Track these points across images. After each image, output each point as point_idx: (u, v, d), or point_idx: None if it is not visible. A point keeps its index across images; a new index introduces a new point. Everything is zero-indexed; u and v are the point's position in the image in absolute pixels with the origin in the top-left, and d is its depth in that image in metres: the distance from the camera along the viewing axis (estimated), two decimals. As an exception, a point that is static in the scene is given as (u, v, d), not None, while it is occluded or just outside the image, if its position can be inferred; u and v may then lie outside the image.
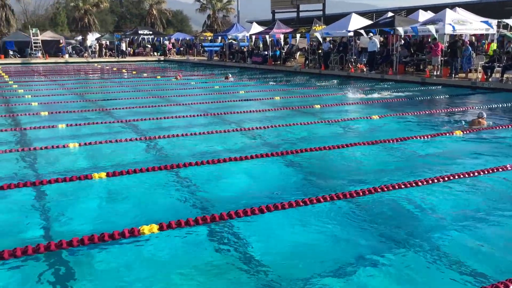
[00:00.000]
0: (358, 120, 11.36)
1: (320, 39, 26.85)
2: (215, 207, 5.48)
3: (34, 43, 40.85)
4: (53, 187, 6.15)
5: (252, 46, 36.76)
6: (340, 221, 5.11)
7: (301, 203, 5.32)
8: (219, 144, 8.82)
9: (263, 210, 5.10)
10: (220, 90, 18.16)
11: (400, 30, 21.22)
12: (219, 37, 41.24)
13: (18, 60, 38.08)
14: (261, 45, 35.12)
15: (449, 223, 5.03)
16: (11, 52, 40.36)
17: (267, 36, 30.71)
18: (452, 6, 24.41)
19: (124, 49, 43.71)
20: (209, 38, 45.61)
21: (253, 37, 34.27)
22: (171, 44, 46.80)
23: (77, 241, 4.27)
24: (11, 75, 25.84)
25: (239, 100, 15.12)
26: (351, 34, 24.49)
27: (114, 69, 31.70)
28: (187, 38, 50.37)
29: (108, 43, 46.23)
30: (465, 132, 9.48)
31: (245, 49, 35.65)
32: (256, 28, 34.55)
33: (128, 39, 46.53)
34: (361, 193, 5.68)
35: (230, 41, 38.19)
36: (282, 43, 32.30)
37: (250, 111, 12.70)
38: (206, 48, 43.30)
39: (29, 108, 13.25)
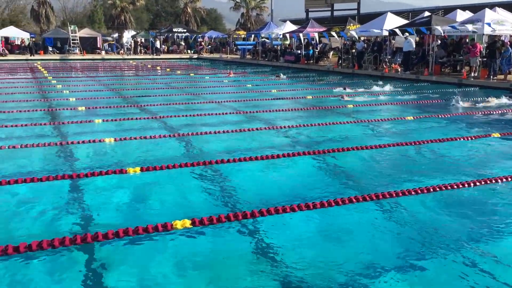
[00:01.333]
0: (392, 121, 11.20)
1: (357, 37, 26.56)
2: (246, 204, 5.51)
3: (72, 39, 41.94)
4: (90, 180, 6.32)
5: (286, 45, 36.68)
6: (369, 224, 5.07)
7: (332, 203, 5.30)
8: (251, 142, 8.86)
9: (295, 209, 5.10)
10: (252, 89, 18.22)
11: (438, 29, 20.77)
12: (252, 36, 41.33)
13: (57, 56, 39.16)
14: (294, 44, 35.03)
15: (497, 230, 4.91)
16: (50, 49, 41.52)
17: (300, 35, 30.58)
18: (491, 6, 23.75)
19: (158, 46, 44.33)
20: (242, 36, 45.76)
21: (287, 35, 34.19)
22: (203, 42, 47.19)
23: (112, 234, 4.38)
24: (50, 70, 26.60)
25: (271, 99, 15.13)
26: (386, 33, 24.14)
27: (149, 66, 32.21)
28: (220, 36, 50.69)
29: (143, 40, 47.00)
30: (503, 135, 9.24)
31: (278, 48, 35.62)
32: (290, 27, 34.46)
33: (163, 36, 47.15)
34: (394, 195, 5.61)
35: (263, 39, 38.21)
36: (316, 42, 32.10)
37: (282, 110, 12.69)
38: (239, 47, 43.48)
39: (67, 103, 13.60)
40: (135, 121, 10.88)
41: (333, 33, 28.29)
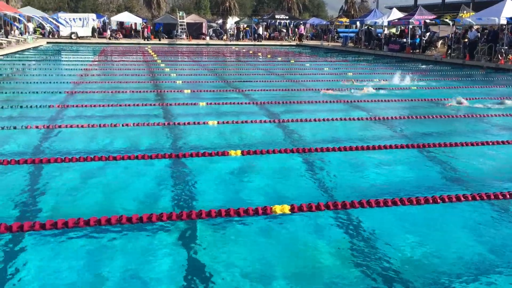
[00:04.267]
0: (506, 117, 10.35)
1: (474, 24, 24.70)
2: (345, 193, 5.44)
3: (180, 25, 43.92)
4: (192, 160, 6.61)
5: (391, 32, 35.31)
6: (476, 224, 4.75)
7: (438, 200, 5.04)
8: (350, 131, 8.70)
9: (397, 202, 4.92)
10: (352, 78, 17.82)
11: None
12: (356, 23, 40.31)
13: (165, 41, 41.25)
14: (399, 32, 33.61)
15: None
16: (160, 33, 43.85)
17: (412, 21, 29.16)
18: None
19: (260, 33, 44.93)
20: (345, 23, 44.83)
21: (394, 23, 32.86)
22: (302, 29, 46.93)
23: (215, 213, 4.55)
24: (159, 54, 28.11)
25: (373, 89, 14.68)
26: (504, 21, 22.23)
27: (250, 52, 32.79)
28: (322, 23, 50.10)
29: (245, 26, 47.89)
30: None
31: (381, 36, 34.42)
32: (396, 14, 33.07)
33: (265, 23, 47.67)
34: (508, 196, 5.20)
35: (366, 27, 37.12)
36: (423, 30, 30.51)
37: (384, 100, 12.27)
38: (341, 34, 42.68)
39: (174, 86, 14.31)
40: (237, 105, 11.16)
41: (447, 21, 26.62)
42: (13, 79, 15.90)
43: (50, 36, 40.37)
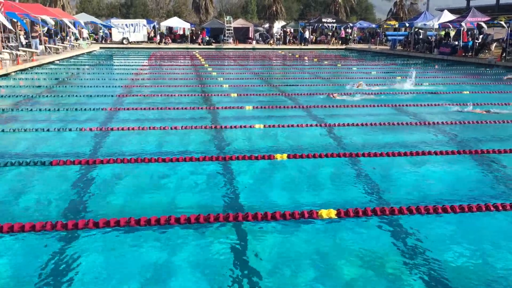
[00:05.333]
0: None
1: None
2: (392, 200, 5.35)
3: (227, 29, 44.45)
4: (239, 163, 6.68)
5: (441, 35, 34.36)
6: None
7: (491, 208, 4.88)
8: (398, 136, 8.55)
9: (447, 209, 4.80)
10: (401, 81, 17.46)
11: None
12: (405, 26, 39.49)
13: (213, 46, 41.86)
14: (451, 35, 32.65)
15: None
16: (207, 38, 44.53)
17: (463, 24, 28.30)
18: None
19: (307, 36, 44.81)
20: (394, 26, 44.01)
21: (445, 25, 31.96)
22: (343, 33, 46.33)
23: (261, 216, 4.59)
24: (206, 58, 28.56)
25: (421, 93, 14.34)
26: None
27: (296, 56, 32.76)
28: (370, 27, 49.39)
29: (292, 30, 47.90)
30: None
31: (432, 39, 33.52)
32: (447, 16, 32.14)
33: (311, 27, 47.51)
34: None
35: (416, 30, 36.28)
36: (476, 32, 29.50)
37: (434, 105, 11.96)
38: (389, 37, 41.92)
39: (221, 90, 14.51)
40: (283, 109, 11.18)
41: (502, 23, 25.63)
42: (68, 83, 16.60)
43: (103, 42, 41.86)
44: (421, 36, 35.76)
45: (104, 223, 4.40)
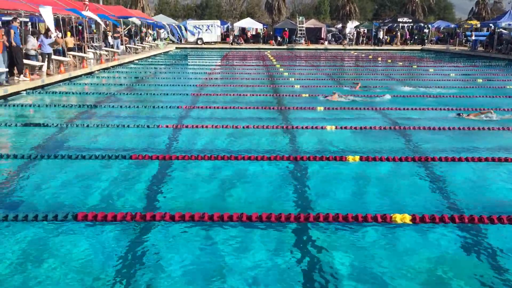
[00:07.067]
0: None
1: None
2: (469, 207, 5.13)
3: (299, 30, 44.37)
4: (311, 164, 6.67)
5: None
6: None
7: None
8: (472, 141, 8.15)
9: (531, 221, 4.52)
10: (482, 84, 16.59)
11: None
12: (488, 26, 37.44)
13: (284, 46, 41.97)
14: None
15: None
16: (279, 39, 44.74)
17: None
18: None
19: (380, 37, 43.73)
20: (475, 26, 41.86)
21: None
22: (407, 33, 44.51)
23: (332, 217, 4.56)
24: (278, 59, 28.70)
25: (504, 97, 13.55)
26: None
27: (370, 56, 32.08)
28: (450, 26, 47.30)
29: (365, 31, 46.93)
30: None
31: (517, 39, 31.52)
32: (535, 15, 30.10)
33: (386, 27, 46.28)
34: None
35: (500, 30, 34.26)
36: None
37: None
38: (469, 38, 39.93)
39: (293, 90, 14.53)
40: (355, 111, 11.00)
41: None
42: (147, 82, 17.35)
43: (178, 42, 43.31)
44: (505, 37, 33.68)
45: (180, 217, 4.57)
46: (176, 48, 38.81)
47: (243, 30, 49.23)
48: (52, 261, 3.96)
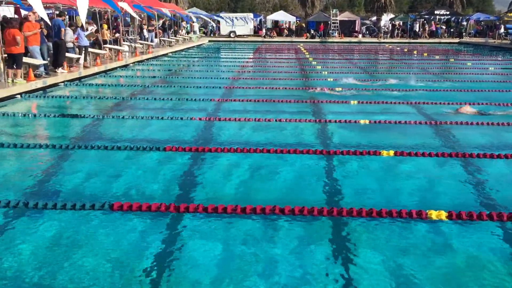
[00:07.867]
0: None
1: None
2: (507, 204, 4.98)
3: (333, 23, 43.88)
4: (344, 158, 6.60)
5: None
6: None
7: None
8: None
9: None
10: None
11: None
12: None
13: (317, 39, 41.61)
14: None
15: None
16: (312, 32, 44.39)
17: None
18: None
19: (416, 30, 42.76)
20: (517, 18, 40.42)
21: None
22: (433, 25, 43.18)
23: (366, 212, 4.50)
24: (311, 52, 28.47)
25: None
26: None
27: (405, 50, 31.44)
28: (489, 19, 45.83)
29: (401, 23, 45.97)
30: None
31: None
32: None
33: (422, 19, 45.20)
34: None
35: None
36: None
37: None
38: (509, 31, 38.63)
39: (326, 83, 14.38)
40: (389, 105, 10.82)
41: None
42: (180, 74, 17.52)
43: (211, 35, 43.52)
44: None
45: (213, 209, 4.61)
46: (209, 41, 39.01)
47: (276, 23, 49.01)
48: (86, 249, 4.04)
